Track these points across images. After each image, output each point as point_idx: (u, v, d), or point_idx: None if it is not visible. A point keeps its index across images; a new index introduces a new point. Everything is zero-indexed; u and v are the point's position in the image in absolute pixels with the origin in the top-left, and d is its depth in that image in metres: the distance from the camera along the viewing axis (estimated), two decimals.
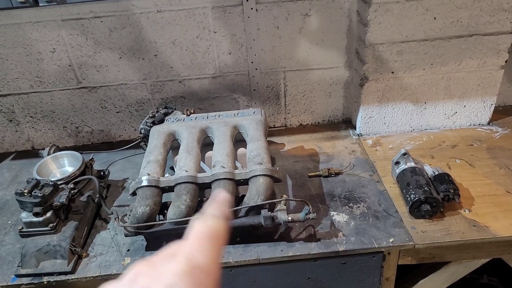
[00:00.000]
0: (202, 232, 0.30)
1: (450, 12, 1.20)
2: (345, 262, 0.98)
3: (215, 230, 0.30)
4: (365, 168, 1.23)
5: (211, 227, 0.31)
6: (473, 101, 1.37)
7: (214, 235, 0.30)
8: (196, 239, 0.29)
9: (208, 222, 0.31)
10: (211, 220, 0.31)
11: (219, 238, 0.30)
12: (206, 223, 0.31)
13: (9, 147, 1.50)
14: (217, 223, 0.31)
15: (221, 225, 0.31)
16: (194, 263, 0.28)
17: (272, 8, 1.27)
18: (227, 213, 0.33)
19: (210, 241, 0.29)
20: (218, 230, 0.31)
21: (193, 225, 0.31)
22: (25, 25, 1.26)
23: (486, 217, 1.01)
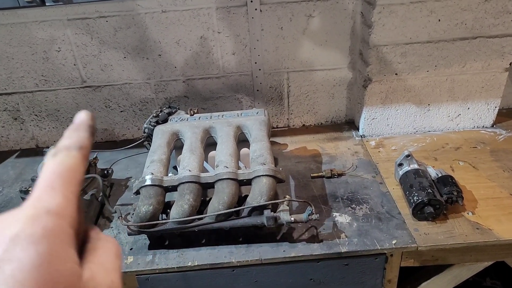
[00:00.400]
0: (51, 170, 0.26)
1: (454, 14, 1.20)
2: (348, 264, 0.98)
3: (66, 165, 0.26)
4: (368, 169, 1.23)
5: (59, 162, 0.26)
6: (477, 104, 1.36)
7: (65, 172, 0.26)
8: (45, 179, 0.25)
9: (58, 157, 0.26)
10: (62, 155, 0.27)
11: (73, 173, 0.26)
12: (56, 159, 0.26)
13: (13, 145, 1.51)
14: (69, 156, 0.27)
15: (74, 158, 0.27)
16: (41, 206, 0.24)
17: (276, 9, 1.27)
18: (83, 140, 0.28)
19: (61, 179, 0.25)
20: (71, 164, 0.26)
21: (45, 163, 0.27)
22: (31, 24, 1.27)
23: (490, 220, 1.01)
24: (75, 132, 0.28)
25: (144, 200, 0.94)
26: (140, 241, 1.01)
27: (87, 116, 0.29)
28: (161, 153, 1.06)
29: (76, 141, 0.28)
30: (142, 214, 0.92)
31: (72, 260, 0.24)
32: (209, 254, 0.96)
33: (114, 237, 1.04)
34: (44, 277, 0.22)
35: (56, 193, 0.25)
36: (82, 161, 0.27)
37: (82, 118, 0.29)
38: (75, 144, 0.27)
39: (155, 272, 0.95)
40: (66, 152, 0.27)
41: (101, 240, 0.28)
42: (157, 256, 0.97)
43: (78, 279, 0.24)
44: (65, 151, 0.27)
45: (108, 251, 0.27)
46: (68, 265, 0.23)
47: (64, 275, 0.23)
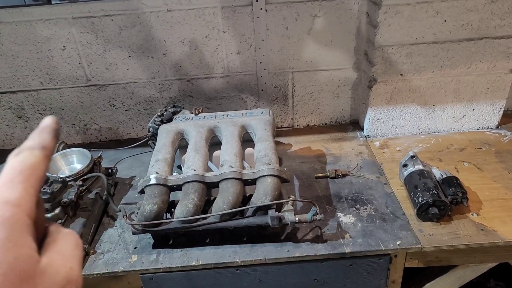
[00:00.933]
0: (12, 167, 0.27)
1: (460, 15, 1.19)
2: (352, 264, 0.98)
3: (27, 163, 0.27)
4: (372, 170, 1.23)
5: (23, 160, 0.27)
6: (482, 105, 1.36)
7: (26, 169, 0.27)
8: (6, 174, 0.27)
9: (21, 155, 0.28)
10: (24, 154, 0.28)
11: (33, 170, 0.27)
12: (18, 157, 0.28)
13: (18, 143, 1.50)
14: (30, 155, 0.28)
15: (36, 157, 0.28)
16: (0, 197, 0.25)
17: (281, 8, 1.27)
18: (46, 141, 0.29)
19: (22, 175, 0.27)
20: (32, 162, 0.28)
21: (7, 161, 0.28)
22: (36, 23, 1.27)
23: (494, 221, 1.00)
24: (39, 134, 0.30)
25: (148, 199, 0.94)
26: (144, 240, 1.01)
27: (51, 121, 0.31)
28: (166, 152, 1.06)
29: (38, 142, 0.29)
30: (147, 213, 0.92)
31: (29, 247, 0.25)
32: (213, 254, 0.96)
33: (118, 236, 1.04)
34: (2, 261, 0.23)
35: (16, 187, 0.26)
36: (44, 159, 0.28)
37: (46, 122, 0.30)
38: (38, 144, 0.29)
39: (159, 271, 0.95)
40: (28, 152, 0.28)
41: (60, 233, 0.29)
42: (161, 255, 0.97)
43: (35, 264, 0.25)
44: (28, 150, 0.28)
45: (67, 241, 0.28)
46: (25, 251, 0.24)
47: (21, 260, 0.24)
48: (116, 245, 1.01)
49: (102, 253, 0.99)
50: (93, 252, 0.99)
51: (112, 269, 0.95)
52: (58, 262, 0.26)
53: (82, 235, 0.98)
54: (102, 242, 1.03)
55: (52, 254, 0.27)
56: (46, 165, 0.29)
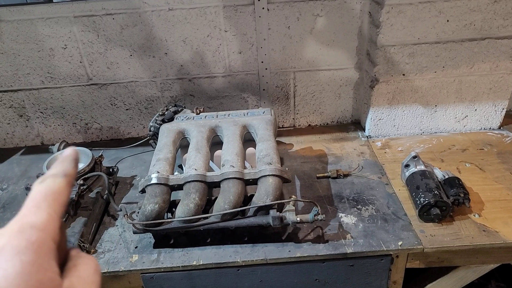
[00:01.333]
0: (38, 192, 0.29)
1: (463, 15, 1.19)
2: (353, 264, 0.98)
3: (52, 189, 0.29)
4: (373, 170, 1.23)
5: (47, 186, 0.29)
6: (484, 105, 1.35)
7: (51, 194, 0.29)
8: (31, 200, 0.28)
9: (45, 182, 0.30)
10: (48, 180, 0.30)
11: (57, 195, 0.29)
12: (43, 184, 0.30)
13: (19, 142, 1.51)
14: (54, 181, 0.30)
15: (59, 183, 0.30)
16: (26, 222, 0.27)
17: (283, 8, 1.27)
18: (69, 170, 0.31)
19: (46, 200, 0.28)
20: (56, 188, 0.29)
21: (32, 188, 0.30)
22: (37, 21, 1.27)
23: (496, 222, 1.00)
24: (61, 163, 0.32)
25: (149, 199, 0.94)
26: (145, 240, 1.01)
27: (72, 152, 0.33)
28: (167, 152, 1.06)
29: (61, 170, 0.31)
30: (148, 212, 0.92)
31: (53, 271, 0.26)
32: (214, 254, 0.96)
33: (119, 235, 1.04)
34: (26, 284, 0.24)
35: (41, 211, 0.28)
36: (67, 186, 0.30)
37: (68, 153, 0.33)
38: (61, 172, 0.31)
39: (160, 271, 0.95)
40: (51, 179, 0.30)
41: (81, 257, 0.30)
42: (162, 255, 0.97)
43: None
44: (51, 177, 0.30)
45: (88, 266, 0.29)
46: (48, 275, 0.25)
47: (45, 284, 0.25)
48: (117, 244, 1.01)
49: (103, 252, 0.99)
50: (94, 251, 0.99)
51: (113, 268, 0.94)
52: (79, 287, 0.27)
53: (83, 234, 0.98)
54: (103, 241, 1.03)
55: (73, 278, 0.28)
56: (69, 191, 0.30)
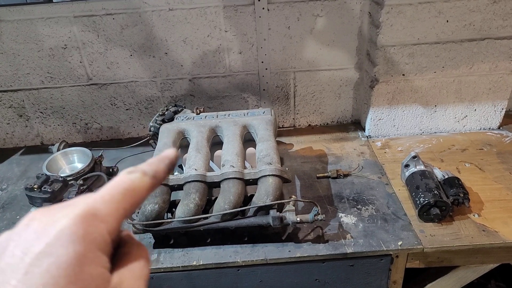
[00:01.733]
0: (118, 183, 0.27)
1: (462, 15, 1.19)
2: (353, 264, 0.98)
3: (133, 185, 0.27)
4: (373, 170, 1.23)
5: (129, 179, 0.28)
6: (484, 105, 1.36)
7: (129, 190, 0.27)
8: (110, 188, 0.27)
9: (132, 176, 0.28)
10: (136, 175, 0.28)
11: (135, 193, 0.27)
12: (129, 176, 0.28)
13: (18, 142, 1.51)
14: (141, 179, 0.28)
15: (144, 183, 0.28)
16: (91, 209, 0.25)
17: (283, 8, 1.27)
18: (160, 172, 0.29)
19: (122, 195, 0.27)
20: (138, 186, 0.28)
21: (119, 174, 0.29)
22: (37, 21, 1.27)
23: (496, 222, 1.00)
24: (157, 163, 0.30)
25: (149, 199, 0.94)
26: (145, 240, 1.01)
27: (173, 154, 0.31)
28: None
29: (153, 169, 0.29)
30: (148, 212, 0.92)
31: (104, 266, 0.25)
32: (214, 254, 0.96)
33: None
34: (76, 276, 0.23)
35: (112, 203, 0.26)
36: (149, 188, 0.29)
37: (168, 154, 0.31)
38: (152, 171, 0.29)
39: (159, 271, 0.95)
40: (140, 174, 0.28)
41: (134, 245, 0.29)
42: (162, 255, 0.97)
43: (106, 284, 0.25)
44: (140, 173, 0.28)
45: (140, 258, 0.28)
46: (99, 269, 0.25)
47: (94, 278, 0.24)
48: None
49: None
50: None
51: None
52: (127, 282, 0.26)
53: None
54: None
55: (123, 272, 0.27)
56: (148, 194, 0.29)
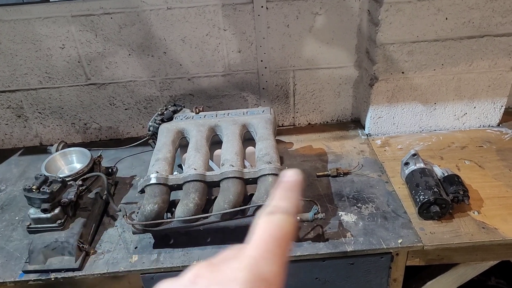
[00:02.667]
0: (268, 233, 0.26)
1: (462, 12, 1.19)
2: (353, 263, 0.98)
3: (283, 230, 0.26)
4: (373, 168, 1.23)
5: (278, 226, 0.26)
6: (483, 102, 1.36)
7: (282, 237, 0.25)
8: (262, 242, 0.25)
9: (275, 219, 0.26)
10: (278, 217, 0.26)
11: (288, 239, 0.26)
12: (273, 221, 0.26)
13: (17, 143, 1.51)
14: (285, 220, 0.26)
15: (290, 223, 0.26)
16: (258, 272, 0.24)
17: (282, 6, 1.26)
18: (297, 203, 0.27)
19: (278, 245, 0.25)
20: (287, 229, 0.26)
21: (258, 223, 0.26)
22: (35, 21, 1.26)
23: (495, 219, 1.00)
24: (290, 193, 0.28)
25: (149, 199, 0.93)
26: (145, 240, 1.01)
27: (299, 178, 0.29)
28: (166, 152, 1.06)
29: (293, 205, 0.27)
30: (147, 212, 0.92)
31: None
32: (214, 253, 0.94)
33: (118, 236, 1.04)
34: None
35: (273, 260, 0.25)
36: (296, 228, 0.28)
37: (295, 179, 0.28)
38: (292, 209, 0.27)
39: (160, 271, 0.95)
40: (283, 216, 0.26)
41: None
42: (162, 255, 0.97)
43: None
44: (284, 215, 0.27)
45: None
46: None
47: None
48: (117, 245, 1.01)
49: (102, 253, 0.99)
50: (94, 252, 0.99)
51: (112, 269, 0.94)
52: None
53: (82, 235, 0.98)
54: (103, 242, 1.02)
55: None
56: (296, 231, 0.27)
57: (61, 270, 0.94)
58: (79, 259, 0.95)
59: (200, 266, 0.26)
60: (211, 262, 0.26)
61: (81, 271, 0.94)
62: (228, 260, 0.26)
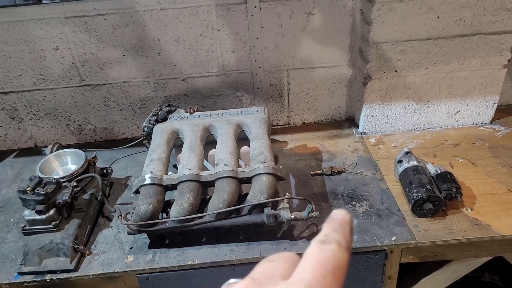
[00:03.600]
0: (324, 261, 0.24)
1: (453, 11, 1.20)
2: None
3: (338, 262, 0.24)
4: (368, 166, 1.23)
5: (332, 256, 0.24)
6: (476, 100, 1.37)
7: (338, 268, 0.24)
8: (317, 268, 0.24)
9: (329, 248, 0.24)
10: (332, 247, 0.24)
11: (342, 272, 0.24)
12: (326, 249, 0.24)
13: (11, 145, 1.51)
14: (341, 254, 0.24)
15: (344, 256, 0.25)
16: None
17: (275, 6, 1.27)
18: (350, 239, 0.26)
19: (333, 276, 0.23)
20: (341, 261, 0.24)
21: (310, 249, 0.25)
22: (28, 23, 1.26)
23: (488, 215, 1.01)
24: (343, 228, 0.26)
25: (143, 199, 0.94)
26: (140, 240, 1.01)
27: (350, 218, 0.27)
28: (161, 152, 1.06)
29: (346, 240, 0.25)
30: (142, 213, 0.92)
31: None
32: (209, 253, 0.96)
33: (114, 236, 1.04)
34: None
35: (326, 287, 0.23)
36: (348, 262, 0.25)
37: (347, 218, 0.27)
38: (346, 243, 0.25)
39: (155, 271, 0.95)
40: (338, 247, 0.25)
41: None
42: (157, 255, 0.97)
43: None
44: (338, 245, 0.25)
45: None
46: None
47: None
48: (112, 245, 1.01)
49: (97, 254, 0.99)
50: (89, 253, 0.99)
51: (108, 269, 0.94)
52: None
53: (77, 236, 0.98)
54: (98, 242, 1.03)
55: None
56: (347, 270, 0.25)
57: (57, 271, 0.94)
58: (74, 260, 0.95)
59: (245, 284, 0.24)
60: (255, 278, 0.25)
61: (77, 272, 0.94)
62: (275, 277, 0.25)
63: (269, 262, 0.26)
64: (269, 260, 0.26)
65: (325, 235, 0.25)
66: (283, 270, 0.25)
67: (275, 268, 0.25)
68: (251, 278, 0.25)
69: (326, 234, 0.25)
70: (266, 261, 0.26)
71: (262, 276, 0.25)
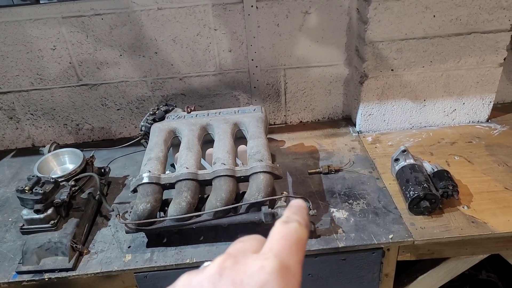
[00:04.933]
0: (287, 235, 0.28)
1: (449, 10, 1.20)
2: (345, 258, 0.99)
3: (298, 235, 0.28)
4: (364, 165, 1.24)
5: (294, 231, 0.28)
6: (472, 99, 1.37)
7: (299, 240, 0.28)
8: (283, 240, 0.28)
9: (291, 226, 0.29)
10: (293, 225, 0.29)
11: (303, 244, 0.28)
12: (288, 227, 0.29)
13: (9, 145, 1.51)
14: (301, 229, 0.29)
15: (303, 231, 0.29)
16: (284, 262, 0.26)
17: (272, 5, 1.27)
18: (307, 220, 0.30)
19: (296, 246, 0.27)
20: (301, 235, 0.29)
21: (274, 228, 0.29)
22: (26, 23, 1.26)
23: (485, 213, 1.02)
24: (301, 212, 0.31)
25: (141, 198, 0.94)
26: (138, 239, 1.02)
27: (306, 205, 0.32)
28: (158, 151, 1.06)
29: (304, 220, 0.30)
30: (140, 212, 0.92)
31: None
32: (207, 251, 0.97)
33: (112, 235, 1.04)
34: None
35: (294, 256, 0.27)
36: (307, 237, 0.29)
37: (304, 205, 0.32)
38: (305, 222, 0.30)
39: (153, 270, 0.96)
40: (298, 225, 0.29)
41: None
42: (155, 254, 0.97)
43: None
44: (297, 223, 0.29)
45: None
46: None
47: None
48: (110, 244, 1.01)
49: (96, 253, 0.99)
50: (87, 252, 0.99)
51: (106, 268, 0.95)
52: None
53: (75, 235, 0.98)
54: (96, 242, 1.03)
55: None
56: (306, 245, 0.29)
57: (55, 271, 0.94)
58: (73, 259, 0.95)
59: (222, 259, 0.27)
60: (230, 253, 0.28)
61: (75, 271, 0.94)
62: (247, 252, 0.28)
63: (240, 242, 0.30)
64: (240, 241, 0.30)
65: (287, 216, 0.30)
66: (253, 247, 0.29)
67: (247, 246, 0.29)
68: (226, 253, 0.28)
69: (287, 216, 0.30)
70: (237, 242, 0.30)
71: (236, 251, 0.28)
